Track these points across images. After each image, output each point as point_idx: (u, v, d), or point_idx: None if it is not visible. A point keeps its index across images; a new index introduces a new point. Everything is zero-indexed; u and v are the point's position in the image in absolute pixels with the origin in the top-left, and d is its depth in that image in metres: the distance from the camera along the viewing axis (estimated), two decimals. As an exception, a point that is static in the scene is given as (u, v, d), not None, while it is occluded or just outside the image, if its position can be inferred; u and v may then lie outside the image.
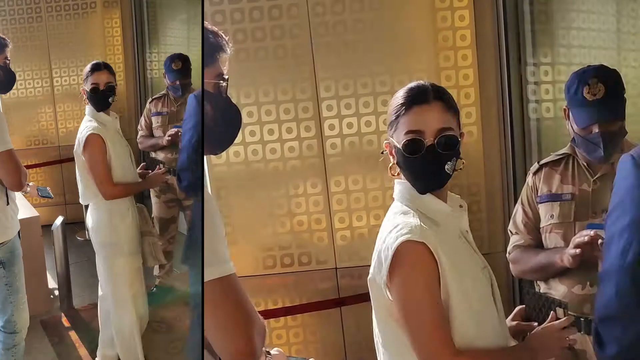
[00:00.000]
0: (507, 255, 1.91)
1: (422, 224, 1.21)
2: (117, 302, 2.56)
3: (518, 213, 1.89)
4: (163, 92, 3.39)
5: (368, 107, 2.31)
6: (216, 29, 1.15)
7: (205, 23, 1.17)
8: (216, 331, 1.03)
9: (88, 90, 2.53)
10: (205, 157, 2.01)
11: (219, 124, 1.16)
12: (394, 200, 1.32)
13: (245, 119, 2.30)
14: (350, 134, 2.34)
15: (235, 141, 1.36)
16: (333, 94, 2.32)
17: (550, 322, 1.36)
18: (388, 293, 1.22)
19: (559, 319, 1.36)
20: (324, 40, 2.28)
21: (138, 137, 3.38)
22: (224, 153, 2.26)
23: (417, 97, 1.25)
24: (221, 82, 1.15)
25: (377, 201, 2.37)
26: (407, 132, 1.24)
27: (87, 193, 2.53)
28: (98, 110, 2.51)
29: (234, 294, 1.04)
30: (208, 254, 1.02)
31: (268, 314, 2.45)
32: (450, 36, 2.28)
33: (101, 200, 2.49)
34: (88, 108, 2.55)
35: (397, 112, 1.26)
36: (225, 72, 1.15)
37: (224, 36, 1.15)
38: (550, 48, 2.29)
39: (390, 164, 1.31)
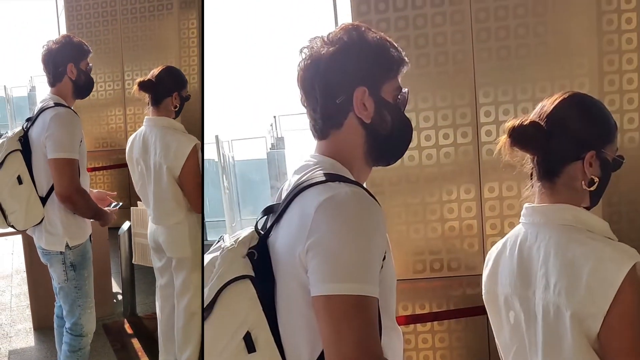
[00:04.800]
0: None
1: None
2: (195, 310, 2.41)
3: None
4: None
5: (527, 113, 2.26)
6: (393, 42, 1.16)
7: (382, 34, 1.16)
8: (333, 336, 0.98)
9: (184, 97, 2.37)
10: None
11: (395, 135, 1.15)
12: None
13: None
14: (508, 140, 2.31)
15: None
16: (492, 100, 2.30)
17: None
18: (594, 324, 1.13)
19: None
20: (485, 46, 2.26)
21: None
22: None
23: None
24: (403, 92, 1.15)
25: (530, 208, 2.33)
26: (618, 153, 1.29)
27: (177, 210, 2.32)
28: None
29: (366, 316, 0.98)
30: (353, 267, 0.98)
31: (415, 319, 2.45)
32: (615, 39, 2.22)
33: (184, 215, 2.33)
34: (171, 119, 2.34)
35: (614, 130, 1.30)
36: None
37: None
38: None
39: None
